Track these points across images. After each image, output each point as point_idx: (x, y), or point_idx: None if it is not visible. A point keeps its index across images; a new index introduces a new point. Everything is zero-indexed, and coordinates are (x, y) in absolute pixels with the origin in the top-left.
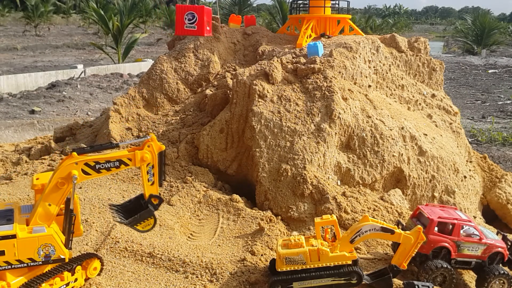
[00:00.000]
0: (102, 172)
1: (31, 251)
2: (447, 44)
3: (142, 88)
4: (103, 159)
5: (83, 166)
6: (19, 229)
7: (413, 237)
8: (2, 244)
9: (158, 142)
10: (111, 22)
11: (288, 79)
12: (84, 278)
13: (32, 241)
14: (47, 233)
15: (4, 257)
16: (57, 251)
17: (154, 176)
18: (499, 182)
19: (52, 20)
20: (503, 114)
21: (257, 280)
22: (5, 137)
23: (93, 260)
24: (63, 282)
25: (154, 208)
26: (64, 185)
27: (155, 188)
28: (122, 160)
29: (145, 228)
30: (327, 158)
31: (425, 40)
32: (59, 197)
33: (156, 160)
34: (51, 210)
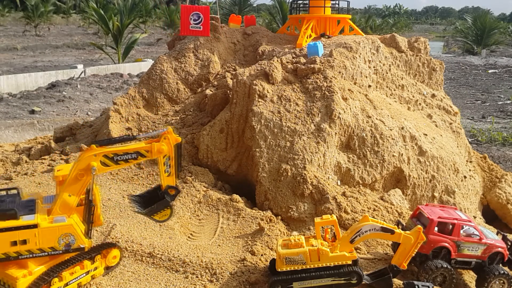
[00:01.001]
0: (121, 163)
1: (52, 240)
2: (447, 44)
3: (142, 88)
4: (121, 151)
5: (102, 158)
6: (41, 219)
7: (413, 237)
8: (25, 234)
9: (175, 134)
10: (111, 22)
11: (288, 79)
12: (103, 266)
13: (53, 231)
14: (68, 223)
15: (26, 246)
16: (77, 241)
17: (171, 168)
18: (499, 182)
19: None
20: (503, 114)
21: (257, 280)
22: (5, 137)
23: (113, 249)
24: (83, 270)
25: (170, 199)
26: (83, 177)
27: (172, 179)
28: (140, 152)
29: (162, 218)
30: (327, 158)
31: (425, 40)
32: (78, 188)
33: (172, 152)
34: (71, 200)
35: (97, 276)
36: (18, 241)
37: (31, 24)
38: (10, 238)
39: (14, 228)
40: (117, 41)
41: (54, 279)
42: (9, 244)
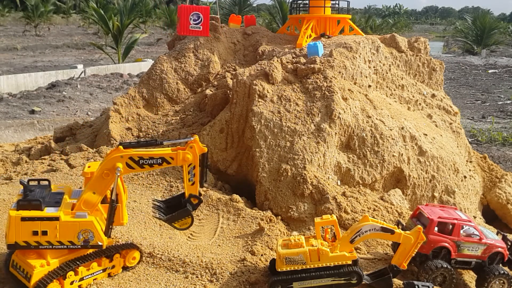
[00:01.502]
0: (145, 167)
1: (71, 234)
2: (447, 44)
3: (142, 88)
4: (147, 155)
5: (127, 160)
6: (63, 212)
7: (413, 237)
8: (46, 225)
9: (201, 144)
10: (111, 22)
11: (288, 79)
12: (121, 266)
13: (73, 225)
14: (88, 220)
15: (47, 237)
16: (95, 237)
17: (195, 177)
18: (499, 182)
19: (52, 20)
20: (503, 114)
21: (257, 280)
22: (5, 137)
23: (133, 251)
24: (100, 267)
25: (192, 208)
26: (108, 176)
27: (195, 188)
28: (165, 158)
29: (182, 226)
30: (327, 158)
31: (425, 40)
32: (103, 187)
33: (197, 161)
34: (95, 198)
35: (114, 274)
36: (39, 231)
37: (31, 24)
38: (32, 228)
39: (37, 218)
40: (117, 41)
41: (70, 273)
42: (31, 233)
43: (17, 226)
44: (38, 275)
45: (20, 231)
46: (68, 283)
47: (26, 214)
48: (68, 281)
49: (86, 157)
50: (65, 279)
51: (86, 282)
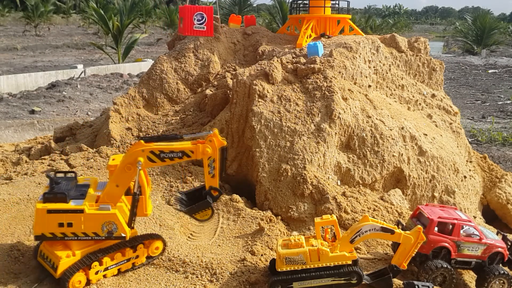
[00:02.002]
0: (166, 161)
1: (95, 226)
2: (447, 44)
3: (142, 88)
4: (167, 149)
5: (148, 154)
6: (88, 205)
7: (413, 237)
8: (71, 217)
9: (220, 138)
10: (111, 22)
11: (288, 79)
12: (145, 256)
13: (97, 217)
14: (111, 212)
15: (72, 228)
16: (119, 229)
17: (214, 170)
18: (499, 182)
19: (52, 20)
20: (503, 114)
21: (257, 280)
22: (5, 137)
23: (156, 241)
24: (124, 257)
25: (212, 200)
26: (130, 169)
27: (216, 181)
28: (185, 152)
29: (203, 217)
30: (327, 158)
31: (425, 40)
32: (125, 180)
33: (217, 154)
34: (117, 191)
35: (138, 264)
36: (64, 223)
37: (31, 24)
38: (58, 220)
39: (62, 210)
40: (117, 41)
41: (95, 263)
42: (57, 225)
43: (43, 218)
44: (64, 265)
45: (46, 223)
46: (93, 273)
47: (52, 206)
48: (93, 271)
49: (86, 157)
50: (90, 269)
51: (110, 272)
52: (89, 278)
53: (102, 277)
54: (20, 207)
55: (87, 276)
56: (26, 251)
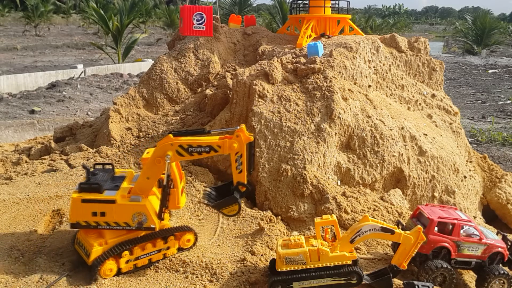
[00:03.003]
0: (194, 155)
1: (126, 217)
2: (447, 44)
3: (142, 88)
4: (195, 143)
5: (177, 148)
6: (120, 196)
7: (413, 237)
8: (104, 207)
9: (247, 133)
10: (111, 22)
11: (288, 79)
12: (176, 247)
13: (128, 208)
14: (141, 203)
15: (105, 218)
16: (148, 220)
17: (242, 165)
18: (499, 182)
19: (52, 20)
20: (503, 114)
21: (257, 280)
22: (5, 137)
23: (187, 233)
24: (155, 248)
25: (239, 196)
26: (160, 163)
27: (243, 176)
28: (212, 147)
29: (230, 213)
30: (327, 158)
31: (425, 40)
32: (155, 173)
33: (244, 150)
34: (148, 183)
35: (169, 255)
36: (98, 213)
37: (31, 24)
38: (91, 209)
39: (96, 200)
40: (117, 41)
41: (125, 252)
42: (90, 214)
43: (78, 207)
44: (96, 253)
45: (81, 212)
46: (123, 262)
47: (86, 196)
48: (123, 260)
49: (86, 157)
50: (120, 258)
51: (141, 261)
52: (119, 266)
53: (132, 267)
54: (20, 207)
55: (117, 264)
56: (26, 251)
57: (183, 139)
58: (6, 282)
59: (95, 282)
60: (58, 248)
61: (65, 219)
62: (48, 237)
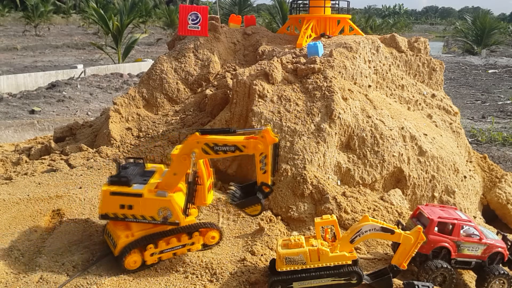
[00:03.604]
0: (220, 154)
1: (152, 211)
2: (447, 44)
3: (142, 88)
4: (221, 142)
5: (203, 146)
6: (147, 190)
7: (413, 237)
8: (132, 200)
9: (273, 134)
10: (111, 22)
11: (288, 79)
12: (201, 243)
13: (154, 202)
14: (167, 198)
15: (132, 211)
16: (173, 215)
17: (266, 166)
18: (499, 182)
19: (52, 20)
20: (503, 114)
21: (257, 280)
22: (5, 137)
23: (212, 230)
24: (179, 243)
25: (262, 196)
26: (186, 159)
27: (267, 177)
28: (238, 146)
29: (252, 212)
30: (327, 158)
31: (425, 40)
32: (182, 169)
33: (269, 151)
34: (175, 179)
35: (193, 251)
36: (125, 205)
37: (31, 24)
38: (119, 201)
39: (124, 193)
40: (117, 41)
41: (150, 245)
42: (118, 206)
43: (107, 199)
44: (123, 244)
45: (110, 204)
46: (148, 255)
47: (115, 189)
48: (148, 252)
49: (86, 157)
50: (145, 251)
51: (166, 255)
52: (144, 259)
53: (157, 260)
54: (20, 207)
55: (142, 257)
56: (26, 251)
57: (210, 137)
58: (6, 282)
59: (95, 282)
60: (58, 248)
61: (65, 219)
62: (48, 237)
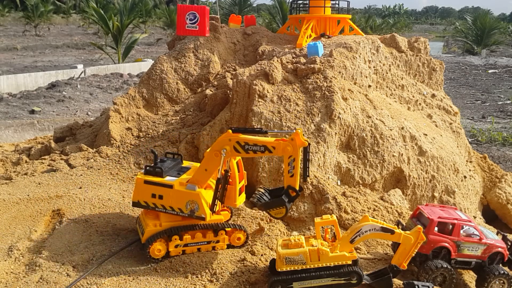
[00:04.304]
0: (250, 153)
1: (181, 203)
2: (447, 44)
3: (142, 88)
4: (252, 142)
5: (235, 144)
6: (178, 183)
7: (413, 237)
8: (162, 190)
9: (303, 138)
10: (111, 22)
11: (288, 79)
12: (226, 243)
13: (183, 195)
14: (195, 192)
15: (162, 201)
16: (200, 210)
17: (294, 169)
18: (499, 182)
19: (52, 20)
20: (503, 114)
21: (257, 280)
22: (5, 137)
23: (238, 231)
24: (205, 239)
25: (288, 200)
26: (217, 156)
27: (294, 180)
28: (267, 147)
29: (277, 215)
30: (327, 158)
31: (425, 40)
32: (213, 165)
33: (297, 154)
34: (206, 175)
35: (218, 249)
36: (156, 195)
37: (31, 24)
38: (151, 191)
39: (155, 183)
40: (117, 41)
41: (175, 236)
42: (150, 195)
43: (140, 187)
44: (149, 232)
45: (142, 192)
46: (172, 246)
47: (148, 178)
48: (172, 243)
49: (86, 157)
50: (170, 241)
51: (190, 249)
52: (168, 249)
53: (181, 252)
54: (20, 207)
55: (167, 247)
56: (26, 251)
57: (241, 136)
58: (6, 282)
59: (95, 282)
60: (58, 248)
61: (65, 219)
62: (48, 237)
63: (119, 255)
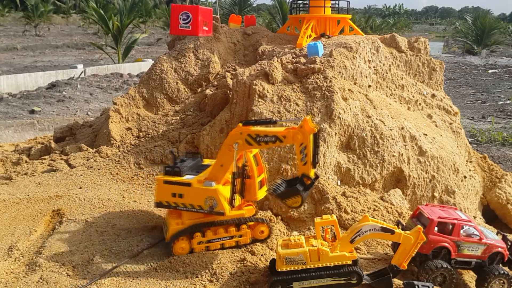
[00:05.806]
0: (262, 144)
1: (199, 200)
2: (447, 44)
3: (142, 88)
4: (262, 133)
5: (246, 137)
6: (196, 180)
7: (413, 237)
8: (181, 189)
9: (312, 124)
10: (111, 22)
11: (288, 79)
12: (249, 237)
13: (201, 192)
14: (213, 188)
15: (182, 199)
16: (218, 205)
17: (307, 157)
18: (499, 182)
19: (52, 20)
20: (503, 114)
21: (257, 280)
22: (5, 137)
23: (261, 224)
24: (227, 234)
25: (303, 188)
26: (231, 150)
27: (307, 168)
28: (278, 137)
29: (293, 205)
30: (327, 158)
31: (425, 40)
32: (228, 160)
33: (308, 141)
34: (222, 170)
35: (242, 244)
36: (176, 194)
37: (31, 24)
38: (171, 190)
39: (174, 182)
40: (117, 41)
41: (197, 233)
42: (170, 194)
43: (161, 187)
44: (173, 231)
45: (163, 192)
46: (195, 243)
47: (167, 178)
48: (195, 240)
49: (86, 157)
50: (192, 239)
51: (213, 245)
52: (192, 247)
53: (204, 248)
54: (20, 207)
55: (190, 245)
56: (26, 251)
57: (252, 128)
58: (6, 282)
59: (95, 282)
60: (58, 248)
61: (65, 219)
62: (48, 237)
63: (119, 255)
